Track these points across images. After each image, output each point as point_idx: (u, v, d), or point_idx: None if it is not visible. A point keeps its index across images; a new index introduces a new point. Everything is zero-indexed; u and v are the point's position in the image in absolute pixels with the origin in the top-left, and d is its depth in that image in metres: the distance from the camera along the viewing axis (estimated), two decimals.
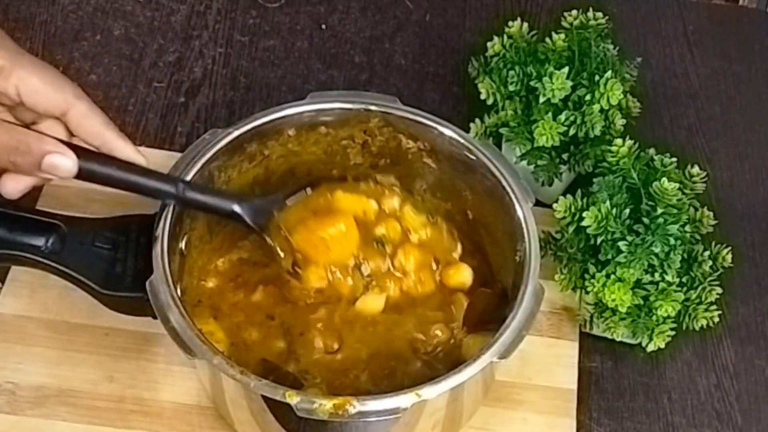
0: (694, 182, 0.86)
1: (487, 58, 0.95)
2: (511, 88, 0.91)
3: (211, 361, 0.72)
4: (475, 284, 0.87)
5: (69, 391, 0.83)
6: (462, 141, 0.85)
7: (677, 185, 0.82)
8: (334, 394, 0.73)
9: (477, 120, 0.93)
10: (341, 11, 1.13)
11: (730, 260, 0.87)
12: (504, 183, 0.83)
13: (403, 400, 0.71)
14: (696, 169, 0.86)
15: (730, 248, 0.87)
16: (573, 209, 0.85)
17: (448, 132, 0.86)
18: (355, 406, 0.71)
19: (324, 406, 0.71)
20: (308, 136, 0.87)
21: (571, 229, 0.85)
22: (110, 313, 0.79)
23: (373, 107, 0.86)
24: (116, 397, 0.83)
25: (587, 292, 0.85)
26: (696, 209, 0.86)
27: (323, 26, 1.11)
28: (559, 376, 0.87)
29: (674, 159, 0.85)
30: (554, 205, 0.86)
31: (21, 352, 0.84)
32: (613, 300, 0.83)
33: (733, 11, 1.21)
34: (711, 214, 0.87)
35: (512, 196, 0.82)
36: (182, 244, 0.81)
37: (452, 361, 0.80)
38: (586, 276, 0.85)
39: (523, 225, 0.81)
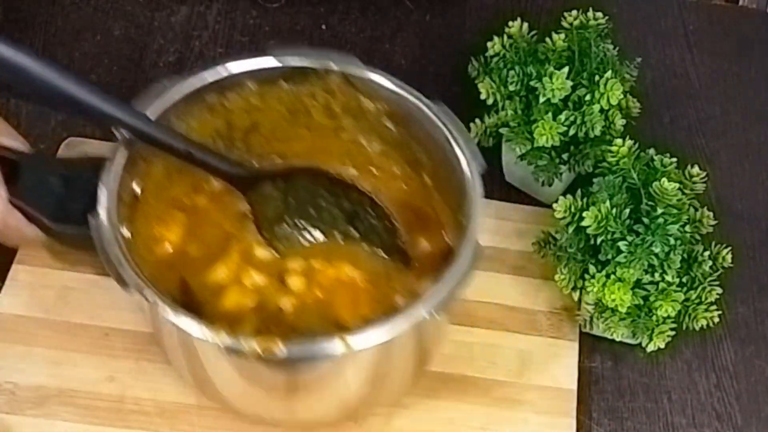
0: (694, 182, 0.86)
1: (487, 58, 0.95)
2: (511, 88, 0.91)
3: (145, 296, 0.72)
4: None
5: (69, 391, 0.83)
6: (415, 102, 0.84)
7: (677, 185, 0.82)
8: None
9: (477, 120, 0.94)
10: (341, 11, 1.13)
11: (730, 260, 0.87)
12: (454, 144, 0.81)
13: (333, 346, 0.71)
14: (696, 169, 0.86)
15: (730, 248, 0.87)
16: (573, 209, 0.85)
17: (403, 92, 0.84)
18: (282, 349, 0.71)
19: (251, 345, 0.71)
20: (270, 90, 0.86)
21: (571, 229, 0.85)
22: (110, 313, 0.79)
23: (332, 64, 0.85)
24: (116, 397, 0.83)
25: (587, 292, 0.85)
26: (696, 209, 0.86)
27: (323, 26, 1.11)
28: (559, 376, 0.87)
29: (674, 159, 0.85)
30: (554, 205, 0.86)
31: (21, 352, 0.84)
32: (613, 300, 0.83)
33: (733, 11, 1.21)
34: (711, 214, 0.87)
35: (460, 157, 0.81)
36: (136, 186, 0.81)
37: None
38: (586, 276, 0.85)
39: (468, 185, 0.80)
